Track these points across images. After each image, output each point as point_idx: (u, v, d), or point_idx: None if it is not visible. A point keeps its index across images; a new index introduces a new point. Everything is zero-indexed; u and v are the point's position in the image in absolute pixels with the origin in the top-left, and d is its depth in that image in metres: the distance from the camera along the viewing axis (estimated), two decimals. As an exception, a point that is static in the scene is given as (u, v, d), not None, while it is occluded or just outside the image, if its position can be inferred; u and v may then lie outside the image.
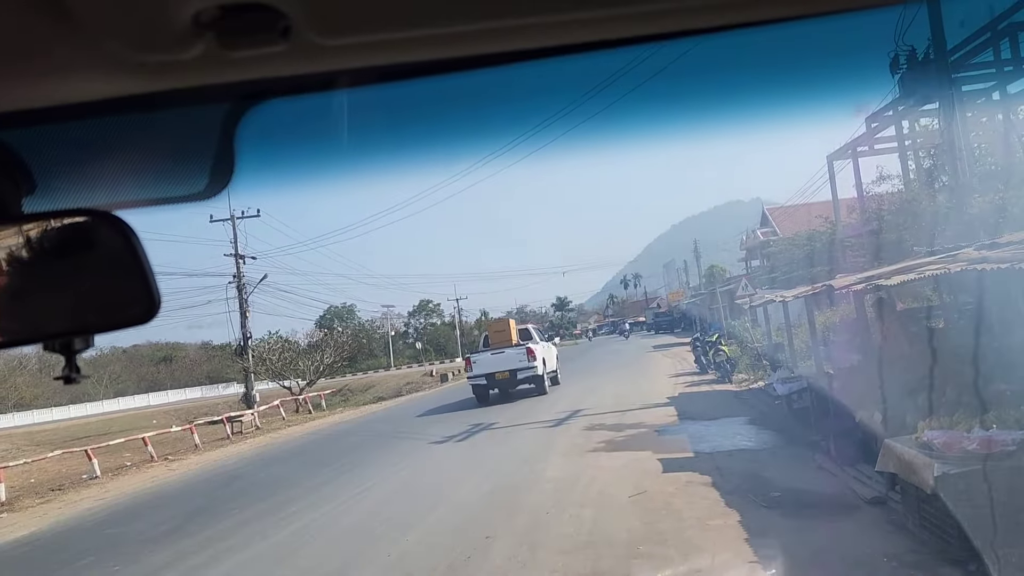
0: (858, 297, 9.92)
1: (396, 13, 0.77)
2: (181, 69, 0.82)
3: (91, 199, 1.11)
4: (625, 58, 1.62)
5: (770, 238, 39.90)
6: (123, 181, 1.14)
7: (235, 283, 33.29)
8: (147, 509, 12.62)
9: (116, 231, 1.02)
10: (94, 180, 1.12)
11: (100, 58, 0.81)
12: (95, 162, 1.10)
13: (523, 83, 1.20)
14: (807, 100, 2.15)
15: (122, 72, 0.83)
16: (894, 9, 9.00)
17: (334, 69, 0.88)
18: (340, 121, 1.18)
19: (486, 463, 11.90)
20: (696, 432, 12.41)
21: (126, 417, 45.24)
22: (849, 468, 8.28)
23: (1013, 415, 5.69)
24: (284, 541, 8.50)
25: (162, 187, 1.14)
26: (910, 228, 13.61)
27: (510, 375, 21.59)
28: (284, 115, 1.05)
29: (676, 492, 8.43)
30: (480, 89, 1.08)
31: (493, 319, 47.04)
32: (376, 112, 1.13)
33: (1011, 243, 6.96)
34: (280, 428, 25.87)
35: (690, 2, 0.77)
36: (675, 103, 2.99)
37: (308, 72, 0.87)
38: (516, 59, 0.89)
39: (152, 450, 20.51)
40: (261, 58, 0.81)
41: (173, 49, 0.79)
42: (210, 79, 0.86)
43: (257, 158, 1.16)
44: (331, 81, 0.95)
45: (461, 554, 7.01)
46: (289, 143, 1.24)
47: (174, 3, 0.73)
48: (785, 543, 6.28)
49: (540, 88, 1.41)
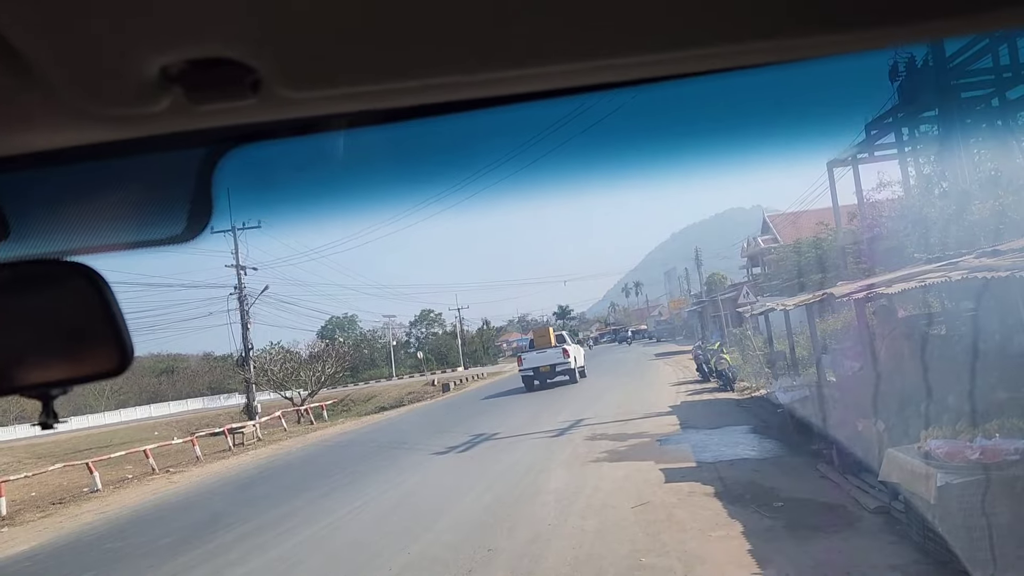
0: (859, 305, 9.89)
1: (366, 67, 0.76)
2: (149, 120, 0.81)
3: (68, 244, 1.10)
4: (608, 100, 1.62)
5: (771, 245, 39.88)
6: (100, 226, 1.12)
7: (236, 294, 33.30)
8: (148, 522, 12.58)
9: (86, 281, 1.00)
10: (70, 226, 1.11)
11: (65, 110, 0.80)
12: (69, 208, 1.09)
13: (497, 126, 1.20)
14: (801, 130, 2.15)
15: (90, 123, 0.82)
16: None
17: (307, 116, 0.87)
18: (317, 163, 1.18)
19: (488, 474, 11.86)
20: (698, 441, 12.37)
21: (128, 429, 45.18)
22: (852, 477, 8.24)
23: (1016, 424, 5.66)
24: (285, 555, 8.47)
25: (140, 231, 1.13)
26: (910, 235, 13.59)
27: (550, 368, 28.49)
28: (260, 159, 1.04)
29: (679, 502, 8.40)
30: (464, 128, 1.08)
31: (537, 326, 56.17)
32: (354, 153, 1.12)
33: (1012, 250, 6.94)
34: (282, 439, 25.82)
35: (681, 53, 0.77)
36: (674, 135, 3.00)
37: (281, 119, 0.87)
38: (492, 104, 0.89)
39: (153, 462, 20.47)
40: (231, 110, 0.80)
41: (140, 102, 0.78)
42: (181, 127, 0.85)
43: (235, 201, 1.15)
44: (305, 127, 0.95)
45: (463, 567, 6.97)
46: (267, 185, 1.24)
47: (139, 57, 0.72)
48: (788, 554, 6.25)
49: (517, 128, 1.41)
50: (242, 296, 33.27)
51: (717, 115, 2.72)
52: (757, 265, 43.72)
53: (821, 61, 0.81)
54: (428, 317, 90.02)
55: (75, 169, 1.00)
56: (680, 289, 73.29)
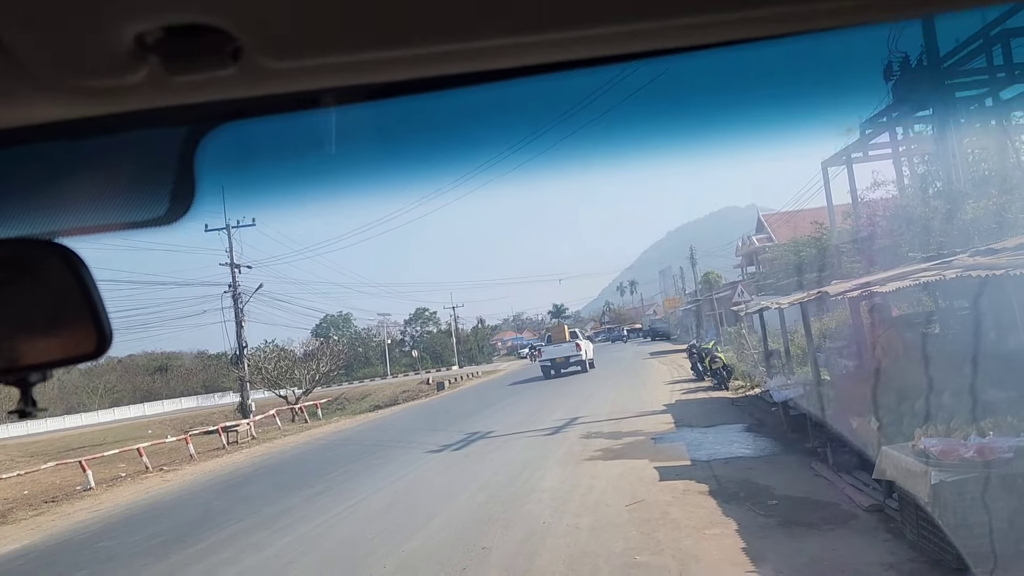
0: (854, 303, 9.91)
1: (353, 35, 0.72)
2: (126, 94, 0.78)
3: (45, 226, 1.06)
4: (610, 74, 1.59)
5: (766, 244, 39.99)
6: (79, 207, 1.08)
7: (231, 293, 33.20)
8: (141, 521, 12.53)
9: (63, 261, 0.97)
10: (47, 206, 1.07)
11: (37, 83, 0.76)
12: (46, 187, 1.05)
13: (494, 102, 1.16)
14: (799, 115, 2.14)
15: (64, 96, 0.78)
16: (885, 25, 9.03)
17: (293, 91, 0.83)
18: (306, 143, 1.14)
19: (483, 473, 11.85)
20: (693, 440, 12.38)
21: (121, 427, 44.97)
22: (846, 475, 8.26)
23: (1010, 422, 5.67)
24: (279, 553, 8.44)
25: (121, 212, 1.09)
26: (905, 234, 13.63)
27: (564, 360, 33.66)
28: (245, 139, 1.00)
29: (673, 501, 8.40)
30: (459, 106, 1.04)
31: (554, 324, 65.48)
32: (343, 132, 1.08)
33: (1005, 249, 6.96)
34: (276, 438, 25.75)
35: (685, 20, 0.74)
36: (670, 115, 2.98)
37: (265, 94, 0.82)
38: (490, 79, 0.86)
39: (147, 461, 20.39)
40: (211, 82, 0.76)
41: (114, 74, 0.74)
42: (160, 102, 0.81)
43: (220, 181, 1.11)
44: (290, 103, 0.90)
45: (457, 565, 6.96)
46: (253, 167, 1.20)
47: (112, 25, 0.68)
48: (782, 552, 6.25)
49: (517, 106, 1.37)
50: (236, 294, 33.17)
51: (722, 92, 2.68)
52: (752, 264, 43.82)
53: (823, 35, 0.79)
54: (423, 315, 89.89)
55: (52, 147, 0.96)
56: (675, 288, 73.29)
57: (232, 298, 33.14)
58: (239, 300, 33.25)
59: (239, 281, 33.33)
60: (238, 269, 33.20)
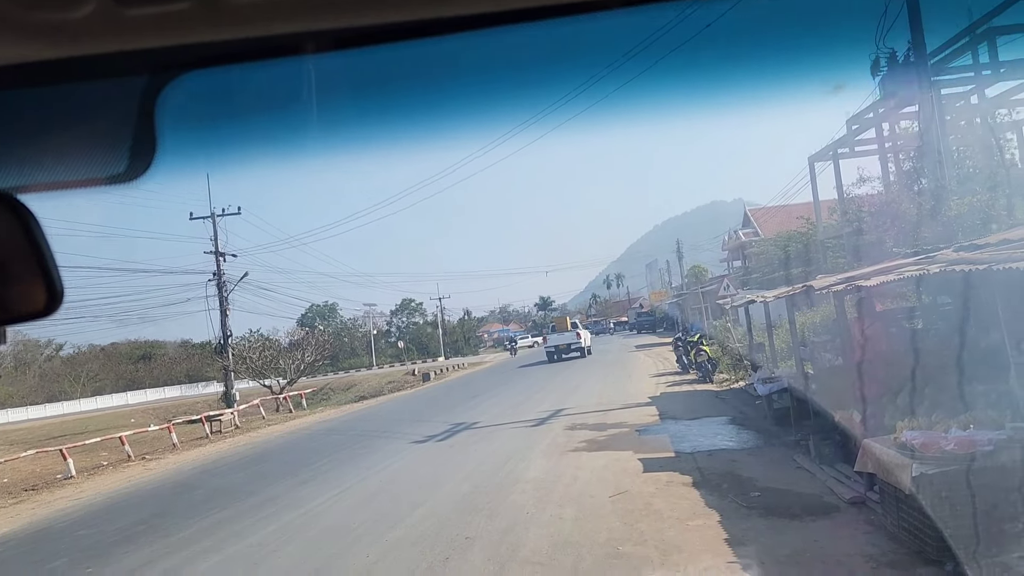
0: (838, 298, 9.97)
1: None
2: (76, 30, 0.71)
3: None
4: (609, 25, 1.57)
5: (752, 239, 40.18)
6: (31, 159, 1.02)
7: (215, 281, 32.92)
8: (123, 509, 12.44)
9: (10, 212, 0.91)
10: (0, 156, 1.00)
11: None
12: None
13: (485, 52, 1.07)
14: (785, 71, 2.09)
15: (10, 35, 0.72)
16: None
17: (260, 35, 0.75)
18: (281, 95, 1.07)
19: (467, 463, 11.85)
20: (677, 432, 12.43)
21: (104, 416, 44.65)
22: (828, 468, 8.33)
23: (990, 415, 5.73)
24: (262, 542, 8.40)
25: (77, 168, 1.02)
26: (890, 229, 13.72)
27: (566, 346, 38.51)
28: (211, 89, 0.94)
29: (657, 492, 8.43)
30: (443, 58, 0.98)
31: (557, 315, 71.86)
32: (318, 85, 1.02)
33: (989, 245, 7.01)
34: (260, 427, 25.65)
35: None
36: (672, 77, 2.90)
37: (230, 38, 0.75)
38: (482, 24, 0.79)
39: (129, 449, 20.24)
40: (167, 17, 0.69)
41: (61, 6, 0.68)
42: (115, 45, 0.75)
43: (183, 137, 1.05)
44: (261, 49, 0.83)
45: (440, 555, 6.96)
46: (218, 119, 1.13)
47: None
48: (765, 543, 6.29)
49: (512, 59, 1.30)
50: (221, 283, 32.91)
51: (726, 44, 2.61)
52: (738, 258, 44.01)
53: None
54: (409, 306, 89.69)
55: (2, 95, 0.89)
56: (661, 281, 73.55)
57: (216, 286, 32.87)
58: (224, 288, 32.99)
59: (224, 270, 33.07)
60: (223, 257, 32.92)
